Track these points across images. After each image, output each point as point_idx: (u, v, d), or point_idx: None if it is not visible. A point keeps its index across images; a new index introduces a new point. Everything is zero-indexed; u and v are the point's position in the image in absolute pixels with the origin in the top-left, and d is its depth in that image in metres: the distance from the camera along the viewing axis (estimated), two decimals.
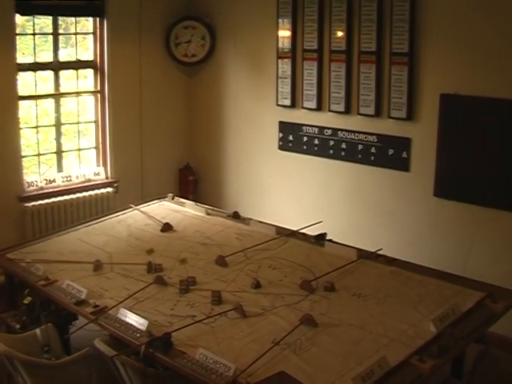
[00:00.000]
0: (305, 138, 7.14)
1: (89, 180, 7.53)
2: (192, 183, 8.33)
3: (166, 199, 6.56)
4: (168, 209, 6.32)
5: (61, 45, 7.33)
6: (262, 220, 5.86)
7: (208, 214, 6.08)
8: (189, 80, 8.37)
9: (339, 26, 6.62)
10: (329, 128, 6.90)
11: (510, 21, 5.48)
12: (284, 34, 7.16)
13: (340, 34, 6.63)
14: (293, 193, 7.38)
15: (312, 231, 5.41)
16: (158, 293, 4.39)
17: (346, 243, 5.19)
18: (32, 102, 7.27)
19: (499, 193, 5.67)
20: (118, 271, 4.78)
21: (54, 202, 7.18)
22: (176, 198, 6.60)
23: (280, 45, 7.21)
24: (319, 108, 6.95)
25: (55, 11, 7.14)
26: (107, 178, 7.71)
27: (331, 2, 6.65)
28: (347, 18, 6.54)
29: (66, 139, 7.73)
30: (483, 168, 5.76)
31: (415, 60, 6.13)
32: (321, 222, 5.59)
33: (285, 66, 7.19)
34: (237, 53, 7.80)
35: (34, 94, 7.21)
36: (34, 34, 7.13)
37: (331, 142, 6.89)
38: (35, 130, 7.32)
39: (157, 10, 7.87)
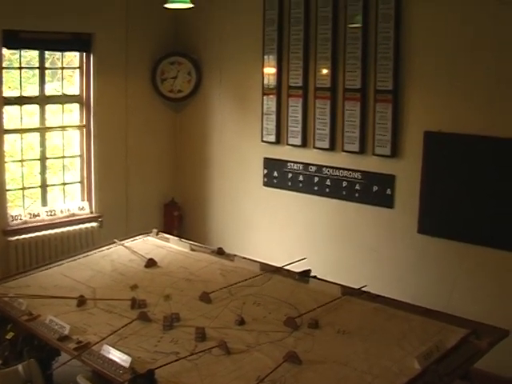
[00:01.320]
0: (289, 175, 7.16)
1: (73, 214, 7.51)
2: (177, 218, 8.33)
3: (151, 234, 6.53)
4: (152, 244, 6.29)
5: (47, 79, 7.35)
6: (246, 256, 5.83)
7: (192, 249, 6.06)
8: (174, 115, 8.41)
9: (324, 63, 6.69)
10: (313, 165, 6.93)
11: (493, 59, 5.56)
12: (269, 70, 7.22)
13: (325, 71, 6.69)
14: (277, 229, 7.38)
15: (296, 268, 5.39)
16: (141, 329, 4.34)
17: (331, 280, 5.16)
18: (17, 136, 7.26)
19: (482, 230, 5.70)
20: (101, 307, 4.73)
21: (38, 236, 7.13)
22: (160, 233, 6.59)
23: (265, 81, 7.27)
24: (304, 145, 6.99)
25: (42, 45, 7.17)
26: (92, 212, 7.70)
27: (316, 40, 6.72)
28: (332, 56, 6.61)
29: (51, 173, 7.71)
30: (467, 205, 5.79)
31: (399, 97, 6.19)
32: (305, 258, 5.57)
33: (270, 103, 7.24)
34: (222, 89, 7.85)
35: (19, 127, 7.19)
36: (20, 68, 7.13)
37: (316, 179, 6.92)
38: (20, 163, 7.30)
39: (143, 45, 7.93)
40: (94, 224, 7.61)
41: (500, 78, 5.54)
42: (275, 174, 7.32)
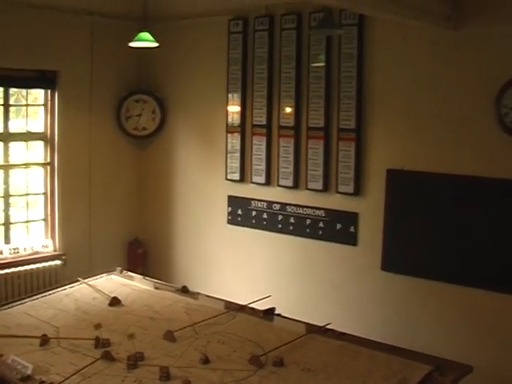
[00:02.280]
0: (253, 213, 7.18)
1: (37, 252, 7.44)
2: (141, 256, 8.28)
3: (115, 273, 6.47)
4: (116, 282, 6.23)
5: (11, 115, 7.31)
6: (210, 294, 5.81)
7: (156, 288, 6.01)
8: (139, 153, 8.40)
9: (288, 101, 6.76)
10: (277, 203, 6.96)
11: (453, 98, 5.68)
12: (234, 108, 7.28)
13: (289, 109, 6.77)
14: (242, 267, 7.37)
15: (261, 306, 5.38)
16: (105, 368, 4.26)
17: (295, 317, 5.15)
18: None
19: (446, 266, 5.76)
20: (64, 346, 4.63)
21: (0, 274, 7.02)
22: (124, 271, 6.53)
23: (230, 119, 7.31)
24: (268, 183, 7.02)
25: (6, 82, 7.17)
26: (55, 250, 7.63)
27: (280, 79, 6.79)
28: (296, 95, 6.69)
29: (14, 210, 7.62)
30: (430, 242, 5.86)
31: (362, 136, 6.27)
32: (269, 296, 5.56)
33: (234, 141, 7.28)
34: (187, 127, 7.89)
35: None
36: None
37: (280, 217, 6.94)
38: None
39: (108, 83, 7.95)
40: (57, 262, 7.53)
41: (461, 117, 5.66)
42: (239, 211, 7.33)
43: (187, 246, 7.99)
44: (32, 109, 7.70)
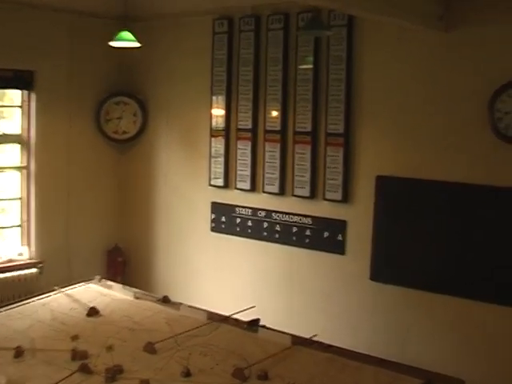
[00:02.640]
0: (238, 220, 7.16)
1: (11, 260, 7.39)
2: (121, 265, 8.23)
3: (93, 282, 6.39)
4: (95, 292, 6.15)
5: None
6: (193, 304, 5.75)
7: (137, 297, 5.95)
8: (119, 157, 8.35)
9: (274, 105, 6.76)
10: (263, 210, 6.95)
11: (445, 102, 5.70)
12: (218, 112, 7.24)
13: (275, 113, 6.76)
14: (225, 276, 7.35)
15: (245, 317, 5.34)
16: (82, 381, 4.19)
17: (281, 329, 5.11)
18: None
19: (437, 276, 5.76)
20: (40, 358, 4.56)
21: None
22: (103, 280, 6.46)
23: (213, 123, 7.28)
24: (253, 189, 7.01)
25: None
26: (31, 258, 7.57)
27: (266, 81, 6.79)
28: (282, 98, 6.68)
29: None
30: (419, 251, 5.86)
31: (351, 141, 6.26)
32: (254, 307, 5.52)
33: (218, 145, 7.25)
34: (169, 130, 7.85)
35: None
36: None
37: (265, 224, 6.93)
38: None
39: (87, 84, 7.91)
40: (33, 270, 7.46)
41: (453, 121, 5.67)
42: (223, 219, 7.30)
43: (169, 255, 7.96)
44: (8, 110, 7.66)
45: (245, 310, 5.45)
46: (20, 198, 7.63)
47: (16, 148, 7.58)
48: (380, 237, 6.13)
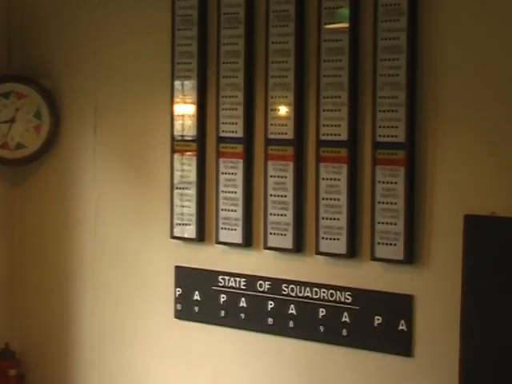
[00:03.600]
0: (222, 297, 5.45)
1: None
2: (14, 380, 6.45)
3: None
4: None
5: None
6: None
7: None
8: (11, 191, 6.49)
9: (282, 96, 5.31)
10: (265, 278, 5.28)
11: None
12: (184, 108, 5.58)
13: (283, 110, 5.30)
14: None
15: None
16: None
17: None
18: None
19: None
20: None
21: None
22: None
23: (177, 128, 5.59)
24: (248, 243, 5.32)
25: None
26: None
27: (267, 54, 5.26)
28: (296, 83, 5.17)
29: None
30: None
31: (418, 156, 4.78)
32: None
33: (186, 166, 5.53)
34: (99, 142, 6.12)
35: None
36: None
37: (270, 304, 5.25)
38: None
39: None
40: None
41: None
42: (196, 296, 5.58)
43: (100, 360, 6.22)
44: None
45: None
46: None
47: None
48: (475, 325, 4.58)
